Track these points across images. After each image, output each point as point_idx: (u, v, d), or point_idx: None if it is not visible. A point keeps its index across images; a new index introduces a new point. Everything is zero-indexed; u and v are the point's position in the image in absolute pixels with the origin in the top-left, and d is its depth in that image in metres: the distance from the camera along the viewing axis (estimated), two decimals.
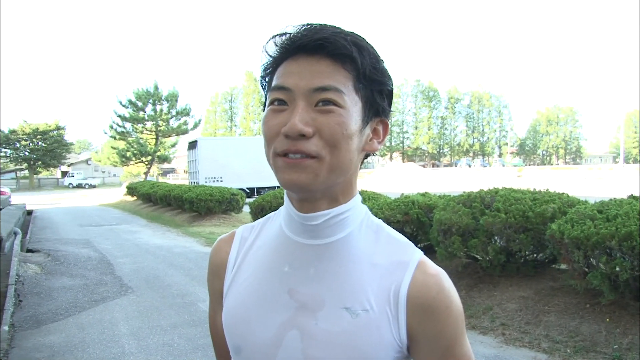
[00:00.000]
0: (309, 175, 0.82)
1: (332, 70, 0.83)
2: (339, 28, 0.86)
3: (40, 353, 5.17)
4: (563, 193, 6.76)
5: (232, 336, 0.95)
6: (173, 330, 5.82)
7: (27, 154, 63.54)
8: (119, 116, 42.99)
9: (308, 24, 0.86)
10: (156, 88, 43.48)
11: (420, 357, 0.89)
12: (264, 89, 0.92)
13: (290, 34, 0.86)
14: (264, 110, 0.89)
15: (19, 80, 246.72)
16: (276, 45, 0.87)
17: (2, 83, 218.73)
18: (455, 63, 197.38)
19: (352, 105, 0.83)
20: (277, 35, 0.87)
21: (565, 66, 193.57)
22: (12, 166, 69.20)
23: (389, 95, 0.91)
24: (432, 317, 0.86)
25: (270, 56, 0.88)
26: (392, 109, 0.93)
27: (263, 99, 0.94)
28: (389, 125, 0.94)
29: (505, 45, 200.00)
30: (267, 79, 0.90)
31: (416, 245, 0.85)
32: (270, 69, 0.89)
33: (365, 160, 0.95)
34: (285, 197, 0.94)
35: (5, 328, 5.58)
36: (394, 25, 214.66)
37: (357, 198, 0.94)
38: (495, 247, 6.17)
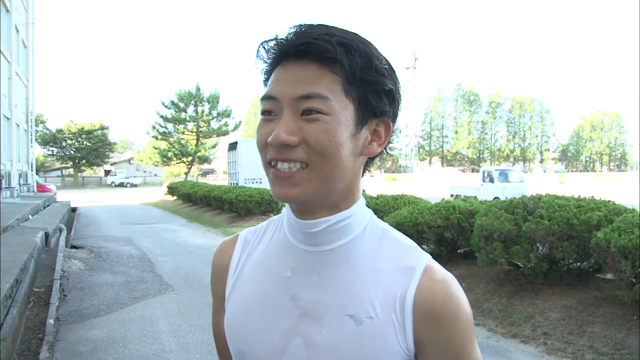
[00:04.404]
0: (299, 189, 0.81)
1: (317, 75, 0.80)
2: (328, 28, 0.82)
3: (83, 347, 5.29)
4: (609, 200, 6.59)
5: (234, 341, 0.93)
6: (212, 330, 5.86)
7: (72, 152, 65.26)
8: (162, 117, 43.72)
9: (297, 26, 0.83)
10: (198, 89, 44.06)
11: None
12: None
13: (276, 39, 0.83)
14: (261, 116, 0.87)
15: (67, 81, 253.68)
16: (265, 52, 0.85)
17: (51, 84, 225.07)
18: (497, 67, 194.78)
19: (341, 110, 0.80)
20: (266, 41, 0.84)
21: (611, 70, 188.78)
22: (58, 164, 71.26)
23: (389, 94, 0.85)
24: (440, 325, 0.83)
25: (265, 62, 0.86)
26: (399, 108, 0.89)
27: None
28: (392, 126, 0.88)
29: (548, 49, 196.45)
30: (267, 83, 0.87)
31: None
32: (268, 74, 0.87)
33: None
34: (286, 203, 0.91)
35: (51, 321, 5.73)
36: (435, 29, 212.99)
37: (360, 202, 0.91)
38: (538, 254, 6.05)
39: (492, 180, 23.43)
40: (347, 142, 0.81)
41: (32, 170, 23.78)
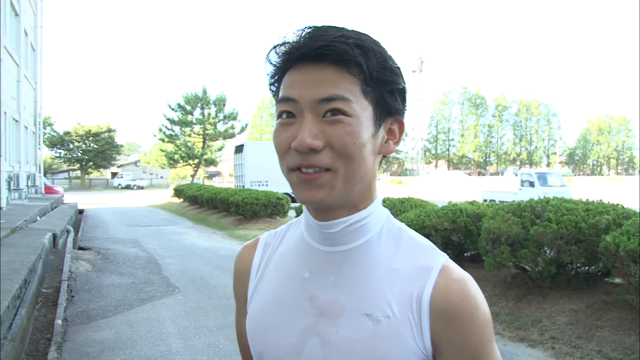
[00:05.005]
0: (324, 191, 0.81)
1: (337, 78, 0.80)
2: (340, 30, 0.82)
3: (91, 348, 5.31)
4: (618, 204, 6.56)
5: (255, 343, 0.94)
6: (219, 332, 5.88)
7: (79, 154, 65.66)
8: (168, 119, 43.81)
9: (308, 29, 0.82)
10: (204, 92, 44.12)
11: None
12: (273, 96, 0.89)
13: (290, 43, 0.82)
14: (277, 119, 0.87)
15: (75, 83, 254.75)
16: (277, 56, 0.84)
17: (59, 87, 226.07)
18: (504, 70, 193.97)
19: (362, 112, 0.81)
20: (278, 45, 0.84)
21: (618, 74, 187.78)
22: (65, 166, 71.63)
23: (401, 93, 0.87)
24: (456, 325, 0.82)
25: (275, 65, 0.86)
26: (407, 107, 0.90)
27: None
28: (404, 124, 0.90)
29: (555, 53, 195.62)
30: (275, 87, 0.87)
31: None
32: (277, 77, 0.86)
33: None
34: (304, 205, 0.92)
35: (59, 322, 5.74)
36: (442, 32, 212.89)
37: (377, 202, 0.91)
38: (546, 258, 6.02)
39: (532, 185, 22.49)
40: (369, 142, 0.82)
41: (39, 172, 23.88)
